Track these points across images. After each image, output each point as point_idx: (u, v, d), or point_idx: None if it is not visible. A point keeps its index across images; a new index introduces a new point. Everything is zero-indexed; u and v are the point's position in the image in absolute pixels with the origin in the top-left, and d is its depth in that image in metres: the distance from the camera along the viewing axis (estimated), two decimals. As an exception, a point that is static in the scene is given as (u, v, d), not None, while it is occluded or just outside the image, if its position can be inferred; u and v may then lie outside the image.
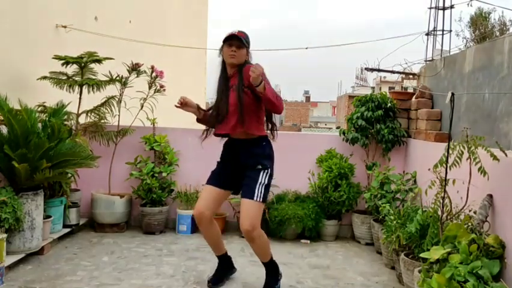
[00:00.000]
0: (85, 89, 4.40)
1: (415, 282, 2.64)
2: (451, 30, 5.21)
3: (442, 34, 5.18)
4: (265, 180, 2.95)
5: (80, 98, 4.40)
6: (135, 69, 4.48)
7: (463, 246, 2.44)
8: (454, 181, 2.79)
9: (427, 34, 5.27)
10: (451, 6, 5.21)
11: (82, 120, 4.49)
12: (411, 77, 5.35)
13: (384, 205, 3.83)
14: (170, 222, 4.72)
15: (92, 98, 4.49)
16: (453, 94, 2.96)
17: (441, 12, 5.22)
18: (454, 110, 2.99)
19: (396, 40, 5.79)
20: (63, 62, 4.34)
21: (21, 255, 3.40)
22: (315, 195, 4.64)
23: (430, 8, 5.31)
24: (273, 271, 3.14)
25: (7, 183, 3.46)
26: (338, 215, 4.62)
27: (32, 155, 3.33)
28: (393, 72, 5.35)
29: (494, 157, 2.57)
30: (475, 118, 3.77)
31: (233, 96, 2.92)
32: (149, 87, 4.56)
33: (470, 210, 2.75)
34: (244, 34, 2.98)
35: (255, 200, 2.87)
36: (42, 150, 3.38)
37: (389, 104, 4.64)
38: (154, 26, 7.64)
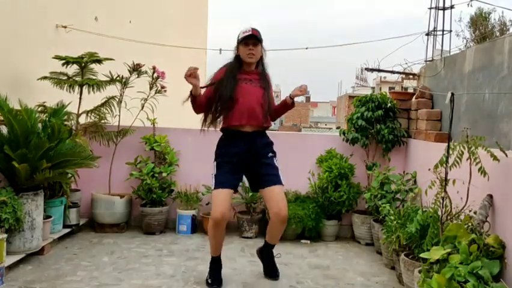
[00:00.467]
0: (85, 89, 4.40)
1: (415, 283, 2.64)
2: (451, 31, 5.21)
3: (442, 34, 5.18)
4: (279, 165, 3.23)
5: (80, 98, 4.40)
6: (136, 69, 4.47)
7: (463, 246, 2.44)
8: (454, 181, 2.79)
9: (427, 34, 5.27)
10: (451, 7, 5.20)
11: (82, 120, 4.49)
12: (411, 77, 5.34)
13: (384, 205, 3.82)
14: (171, 222, 4.72)
15: (92, 98, 4.48)
16: (453, 94, 2.96)
17: (441, 12, 5.22)
18: (453, 110, 2.99)
19: (396, 40, 5.81)
20: (63, 62, 4.35)
21: (22, 256, 3.40)
22: (315, 195, 4.64)
23: (430, 8, 5.31)
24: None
25: (7, 184, 3.45)
26: (338, 215, 4.62)
27: (32, 155, 3.33)
28: (393, 72, 5.34)
29: (494, 157, 2.57)
30: (475, 118, 3.77)
31: (257, 92, 3.12)
32: (150, 88, 4.56)
33: (470, 211, 2.75)
34: (257, 31, 3.11)
35: (283, 184, 3.14)
36: (43, 150, 3.38)
37: (389, 104, 4.63)
38: (154, 26, 7.64)
